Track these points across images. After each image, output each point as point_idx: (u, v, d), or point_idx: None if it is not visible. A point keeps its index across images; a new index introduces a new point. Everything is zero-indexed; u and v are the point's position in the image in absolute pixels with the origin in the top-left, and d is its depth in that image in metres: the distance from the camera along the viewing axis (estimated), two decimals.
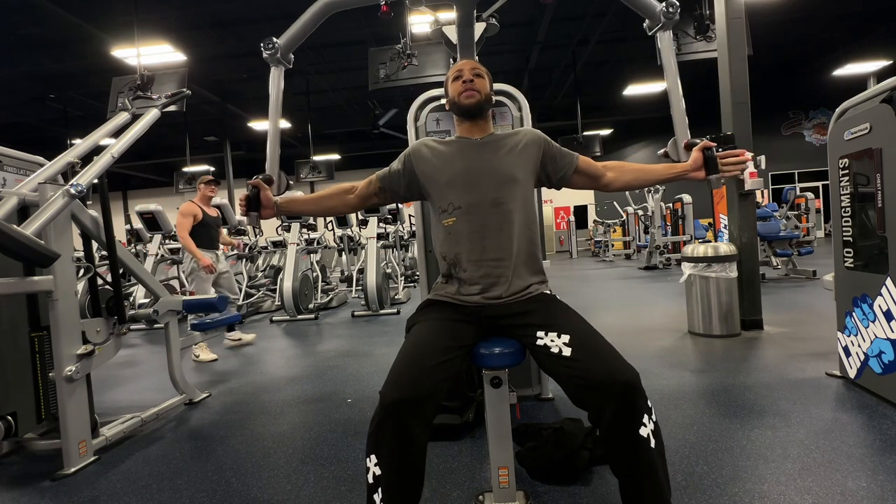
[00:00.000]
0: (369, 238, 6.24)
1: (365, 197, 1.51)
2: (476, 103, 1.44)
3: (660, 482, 1.09)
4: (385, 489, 1.08)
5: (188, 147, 11.53)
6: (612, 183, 1.49)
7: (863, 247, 2.30)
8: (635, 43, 9.95)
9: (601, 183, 1.49)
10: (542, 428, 1.85)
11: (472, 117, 1.47)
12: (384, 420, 1.09)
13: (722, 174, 1.41)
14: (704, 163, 1.41)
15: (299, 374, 3.35)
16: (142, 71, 5.51)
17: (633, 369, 1.12)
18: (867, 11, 9.51)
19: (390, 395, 1.09)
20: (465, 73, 1.46)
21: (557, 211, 18.04)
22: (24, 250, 1.68)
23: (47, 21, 7.49)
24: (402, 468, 1.09)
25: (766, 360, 2.93)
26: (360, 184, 1.51)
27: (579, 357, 1.15)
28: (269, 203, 1.44)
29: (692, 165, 1.42)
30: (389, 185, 1.50)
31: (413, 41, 5.61)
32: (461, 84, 1.44)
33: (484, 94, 1.45)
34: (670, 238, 9.63)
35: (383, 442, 1.09)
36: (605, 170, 1.49)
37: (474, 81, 1.44)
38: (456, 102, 1.47)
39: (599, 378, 1.10)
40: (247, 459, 2.01)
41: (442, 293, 1.41)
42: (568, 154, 1.49)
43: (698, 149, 1.42)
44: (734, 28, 3.82)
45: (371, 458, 1.11)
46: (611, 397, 1.09)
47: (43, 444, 2.19)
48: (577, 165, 1.48)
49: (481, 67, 1.49)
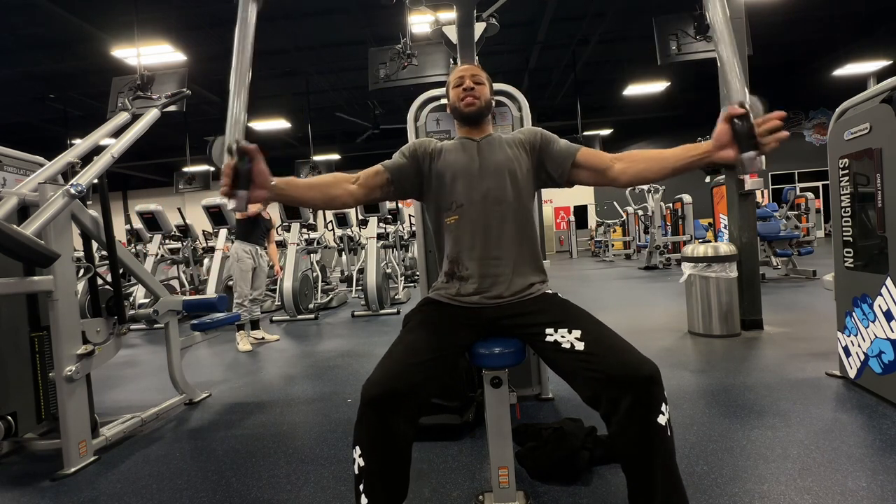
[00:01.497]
0: (369, 238, 6.24)
1: (371, 188, 1.37)
2: (476, 111, 1.45)
3: (677, 472, 1.09)
4: (367, 480, 1.11)
5: (188, 147, 11.51)
6: (620, 176, 1.30)
7: (863, 247, 2.30)
8: (635, 43, 9.93)
9: (608, 176, 1.32)
10: (542, 428, 1.85)
11: (472, 123, 1.48)
12: (365, 414, 1.11)
13: (761, 150, 1.00)
14: (735, 138, 1.03)
15: (299, 374, 3.35)
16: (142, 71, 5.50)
17: (651, 362, 1.11)
18: (867, 11, 9.51)
19: (369, 390, 1.11)
20: (466, 80, 1.45)
21: (557, 211, 18.04)
22: (24, 250, 1.68)
23: (47, 21, 7.48)
24: (384, 461, 1.12)
25: (766, 360, 2.93)
26: (364, 173, 1.38)
27: (594, 351, 1.15)
28: (265, 181, 1.10)
29: (716, 143, 1.07)
30: (398, 177, 1.41)
31: (413, 41, 5.61)
32: (462, 91, 1.44)
33: (484, 100, 1.46)
34: (670, 238, 9.63)
35: (365, 435, 1.12)
36: (612, 161, 1.32)
37: (475, 89, 1.44)
38: (457, 109, 1.47)
39: (618, 372, 1.09)
40: (247, 459, 2.01)
41: (442, 293, 1.41)
42: (566, 149, 1.39)
43: (723, 119, 1.04)
44: (734, 28, 3.81)
45: (356, 448, 1.13)
46: (630, 390, 1.08)
47: (43, 444, 2.19)
48: (575, 159, 1.36)
49: (482, 73, 1.48)
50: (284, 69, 10.05)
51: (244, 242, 4.30)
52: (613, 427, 1.12)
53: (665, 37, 5.43)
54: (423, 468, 1.81)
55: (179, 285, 7.34)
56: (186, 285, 7.35)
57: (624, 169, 1.30)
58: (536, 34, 9.34)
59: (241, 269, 4.28)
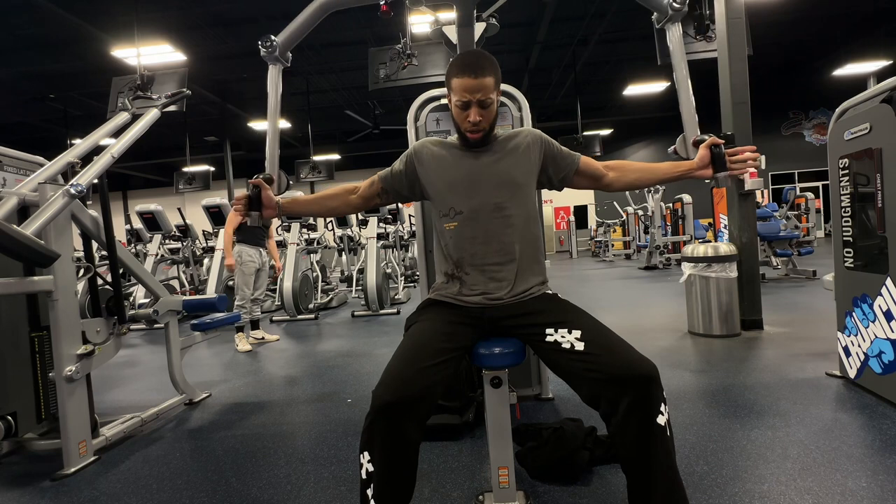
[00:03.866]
0: (369, 238, 6.25)
1: (367, 198, 1.49)
2: (482, 139, 1.37)
3: (676, 471, 1.10)
4: (377, 485, 1.10)
5: (188, 147, 11.52)
6: (613, 183, 1.45)
7: (863, 247, 2.30)
8: (635, 43, 9.94)
9: (602, 183, 1.46)
10: (542, 428, 1.85)
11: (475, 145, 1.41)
12: (376, 420, 1.10)
13: (730, 172, 1.36)
14: (712, 160, 1.36)
15: (299, 374, 3.35)
16: (142, 71, 5.50)
17: (650, 362, 1.12)
18: (867, 11, 9.52)
19: (381, 396, 1.09)
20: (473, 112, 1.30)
21: (557, 211, 18.05)
22: (24, 250, 1.67)
23: (47, 21, 7.49)
24: (394, 466, 1.11)
25: (766, 360, 2.93)
26: (363, 184, 1.50)
27: (594, 351, 1.15)
28: (271, 203, 1.42)
29: (699, 163, 1.36)
30: (392, 186, 1.48)
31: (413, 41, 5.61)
32: (468, 123, 1.32)
33: (490, 124, 1.35)
34: (670, 238, 9.63)
35: (375, 441, 1.10)
36: (606, 170, 1.45)
37: (481, 122, 1.31)
38: (460, 131, 1.39)
39: (617, 372, 1.10)
40: (247, 459, 2.01)
41: (443, 293, 1.41)
42: (569, 155, 1.45)
43: (705, 146, 1.36)
44: (734, 28, 3.82)
45: (364, 454, 1.12)
46: (629, 390, 1.08)
47: (43, 444, 2.19)
48: (579, 167, 1.44)
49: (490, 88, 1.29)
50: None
51: (248, 245, 4.29)
52: (613, 427, 1.12)
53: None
54: (423, 468, 1.80)
55: (179, 285, 7.34)
56: (186, 285, 7.36)
57: (617, 177, 1.45)
58: (536, 34, 9.34)
59: (243, 272, 4.29)
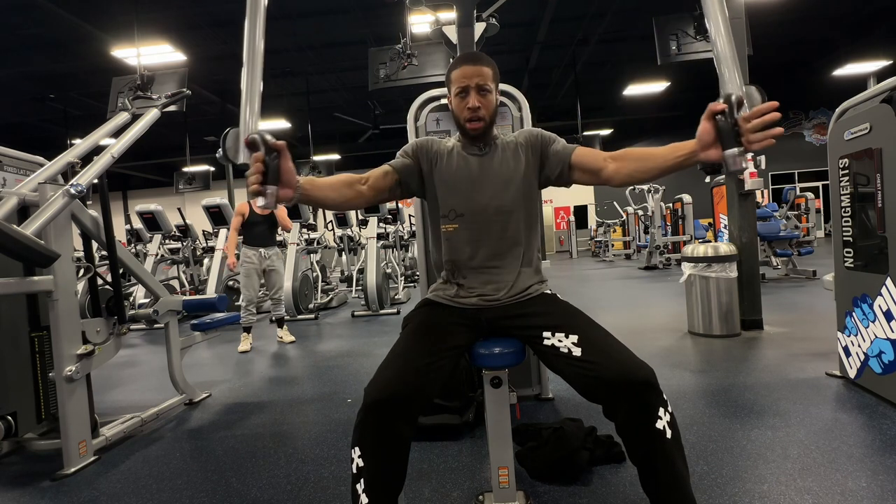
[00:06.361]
0: (369, 238, 6.24)
1: (380, 189, 1.34)
2: (482, 131, 1.36)
3: (677, 470, 1.10)
4: (367, 479, 1.12)
5: (188, 147, 11.51)
6: (614, 176, 1.26)
7: (863, 247, 2.30)
8: (635, 43, 9.93)
9: (602, 177, 1.28)
10: (542, 428, 1.85)
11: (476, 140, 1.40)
12: (367, 417, 1.11)
13: (747, 147, 0.95)
14: (717, 134, 0.99)
15: (299, 374, 3.35)
16: (142, 71, 5.51)
17: (647, 367, 1.11)
18: (867, 11, 9.51)
19: (372, 394, 1.11)
20: (472, 95, 1.30)
21: (557, 211, 18.04)
22: (24, 250, 1.68)
23: (47, 21, 7.48)
24: (384, 462, 1.13)
25: (766, 360, 2.92)
26: (372, 174, 1.34)
27: (590, 357, 1.15)
28: (292, 179, 1.05)
29: (699, 143, 1.04)
30: (406, 177, 1.38)
31: (413, 41, 5.61)
32: (467, 111, 1.31)
33: (490, 116, 1.34)
34: (670, 238, 9.63)
35: (366, 437, 1.12)
36: (606, 161, 1.27)
37: (480, 108, 1.30)
38: (460, 125, 1.37)
39: (613, 377, 1.10)
40: (247, 459, 2.01)
41: (441, 294, 1.41)
42: (562, 151, 1.35)
43: (706, 116, 1.01)
44: (734, 28, 3.81)
45: (355, 449, 1.13)
46: (625, 396, 1.09)
47: (43, 444, 2.19)
48: (570, 161, 1.32)
49: (488, 73, 1.30)
50: (284, 69, 10.05)
51: (247, 246, 4.26)
52: (616, 426, 1.14)
53: (665, 37, 5.44)
54: (423, 468, 1.81)
55: (179, 285, 7.34)
56: (186, 285, 7.35)
57: (617, 169, 1.26)
58: (536, 34, 9.33)
59: (244, 274, 4.28)
